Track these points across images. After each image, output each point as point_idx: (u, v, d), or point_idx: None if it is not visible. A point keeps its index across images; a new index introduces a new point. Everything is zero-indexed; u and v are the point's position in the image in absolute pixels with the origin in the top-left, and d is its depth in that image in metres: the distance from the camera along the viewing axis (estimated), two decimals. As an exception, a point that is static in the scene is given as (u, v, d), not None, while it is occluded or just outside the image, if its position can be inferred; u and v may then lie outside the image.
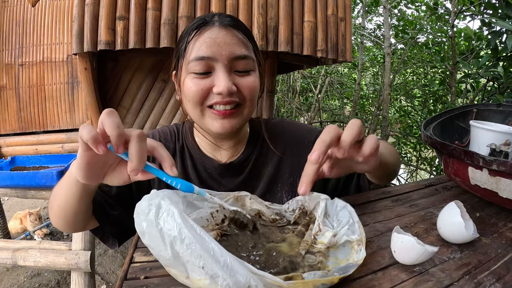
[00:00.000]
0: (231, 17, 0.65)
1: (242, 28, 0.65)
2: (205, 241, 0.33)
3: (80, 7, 1.61)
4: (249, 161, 0.73)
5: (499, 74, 1.98)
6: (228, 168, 0.72)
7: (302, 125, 0.82)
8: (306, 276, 0.36)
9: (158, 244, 0.35)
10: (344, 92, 6.05)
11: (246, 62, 0.62)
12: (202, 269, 0.33)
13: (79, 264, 1.64)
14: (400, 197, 0.64)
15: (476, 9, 2.32)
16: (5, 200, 3.43)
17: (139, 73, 2.11)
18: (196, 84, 0.61)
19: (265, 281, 0.32)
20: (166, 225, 0.35)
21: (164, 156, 0.45)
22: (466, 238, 0.44)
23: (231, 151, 0.73)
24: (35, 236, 2.70)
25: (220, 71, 0.60)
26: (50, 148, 2.18)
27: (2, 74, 2.24)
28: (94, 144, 0.39)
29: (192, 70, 0.60)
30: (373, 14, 5.06)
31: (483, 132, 0.71)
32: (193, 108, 0.63)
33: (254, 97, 0.65)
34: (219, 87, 0.59)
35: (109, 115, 0.40)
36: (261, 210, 0.53)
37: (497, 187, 0.52)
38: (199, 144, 0.73)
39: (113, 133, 0.40)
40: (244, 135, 0.75)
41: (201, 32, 0.61)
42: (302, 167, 0.77)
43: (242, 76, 0.63)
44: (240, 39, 0.63)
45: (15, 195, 1.89)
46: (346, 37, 2.07)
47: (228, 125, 0.63)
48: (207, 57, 0.59)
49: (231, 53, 0.60)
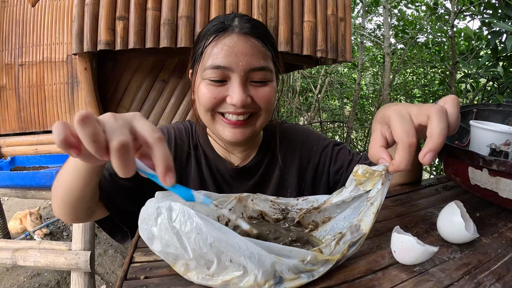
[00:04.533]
0: (251, 22, 0.62)
1: (262, 34, 0.62)
2: (229, 236, 0.34)
3: (80, 7, 1.61)
4: (261, 165, 0.73)
5: (499, 74, 1.98)
6: (240, 172, 0.71)
7: (313, 132, 0.82)
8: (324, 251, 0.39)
9: (175, 248, 0.34)
10: (344, 92, 6.04)
11: (263, 73, 0.61)
12: (230, 262, 0.33)
13: (79, 264, 1.64)
14: (400, 197, 0.64)
15: (476, 9, 2.32)
16: (5, 200, 3.43)
17: (139, 73, 2.11)
18: (210, 91, 0.59)
19: (290, 263, 0.35)
20: (184, 227, 0.34)
21: (158, 159, 0.34)
22: (466, 238, 0.44)
23: (243, 154, 0.72)
24: (35, 236, 2.70)
25: (235, 82, 0.59)
26: (50, 148, 2.18)
27: (2, 74, 2.23)
28: (65, 149, 0.31)
29: (208, 77, 0.59)
30: (373, 14, 5.06)
31: (483, 132, 0.71)
32: (204, 113, 0.63)
33: (269, 107, 0.64)
34: (233, 99, 0.58)
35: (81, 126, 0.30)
36: (264, 211, 0.53)
37: (497, 187, 0.52)
38: (212, 144, 0.72)
39: (89, 149, 0.31)
40: (257, 139, 0.74)
41: (219, 38, 0.59)
42: (309, 173, 0.75)
43: (258, 86, 0.61)
44: (259, 49, 0.60)
45: (15, 195, 1.88)
46: (346, 37, 2.07)
47: (240, 135, 0.62)
48: (223, 66, 0.58)
49: (248, 64, 0.58)
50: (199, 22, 1.70)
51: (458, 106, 0.41)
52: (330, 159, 0.75)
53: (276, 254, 0.35)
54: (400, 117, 0.41)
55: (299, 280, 0.36)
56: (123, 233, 0.68)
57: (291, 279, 0.35)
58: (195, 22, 1.71)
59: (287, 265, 0.35)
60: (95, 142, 0.30)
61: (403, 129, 0.40)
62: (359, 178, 0.44)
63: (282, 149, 0.74)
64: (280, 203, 0.53)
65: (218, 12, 1.73)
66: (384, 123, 0.45)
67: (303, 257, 0.36)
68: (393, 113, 0.42)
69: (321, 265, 0.37)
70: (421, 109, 0.41)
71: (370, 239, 0.48)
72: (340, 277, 0.38)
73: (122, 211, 0.64)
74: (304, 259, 0.36)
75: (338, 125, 5.56)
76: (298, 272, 0.36)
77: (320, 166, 0.76)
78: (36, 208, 2.87)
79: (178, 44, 1.67)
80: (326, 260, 0.38)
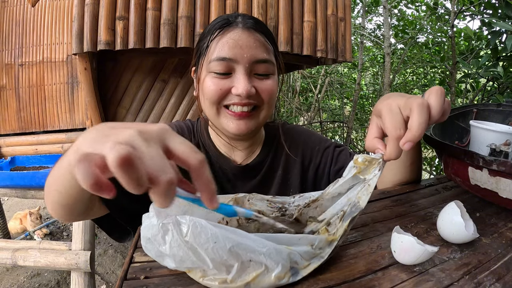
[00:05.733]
0: (254, 19, 0.65)
1: (264, 30, 0.65)
2: (244, 237, 0.34)
3: (80, 7, 1.61)
4: (264, 164, 0.73)
5: (499, 74, 1.98)
6: (243, 171, 0.71)
7: (315, 133, 0.84)
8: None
9: (192, 262, 0.34)
10: (344, 92, 6.05)
11: (266, 66, 0.63)
12: (250, 262, 0.34)
13: (79, 264, 1.64)
14: (400, 197, 0.64)
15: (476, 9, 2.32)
16: (5, 200, 3.43)
17: (139, 73, 2.11)
18: (215, 83, 0.61)
19: (301, 251, 0.37)
20: (198, 239, 0.33)
21: (203, 184, 0.30)
22: (466, 238, 0.44)
23: (246, 152, 0.73)
24: (35, 236, 2.70)
25: (240, 73, 0.61)
26: (50, 148, 2.18)
27: (2, 74, 2.23)
28: (97, 193, 0.25)
29: (213, 69, 0.61)
30: (373, 14, 5.06)
31: (483, 132, 0.71)
32: (209, 106, 0.64)
33: (272, 101, 0.65)
34: (238, 89, 0.60)
35: (122, 172, 0.25)
36: (262, 210, 0.53)
37: (497, 187, 0.52)
38: (215, 143, 0.73)
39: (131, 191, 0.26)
40: (259, 137, 0.75)
41: (224, 32, 0.62)
42: (310, 173, 0.75)
43: (262, 79, 0.63)
44: (262, 43, 0.63)
45: (15, 195, 1.89)
46: (346, 37, 2.07)
47: (244, 126, 0.63)
48: (229, 58, 0.60)
49: (252, 56, 0.61)
50: (199, 22, 1.70)
51: (441, 96, 0.44)
52: (331, 160, 0.76)
53: (287, 244, 0.37)
54: (389, 111, 0.45)
55: (311, 265, 0.38)
56: (120, 231, 0.67)
57: (305, 266, 0.37)
58: (195, 22, 1.71)
59: (299, 254, 0.37)
60: (139, 186, 0.26)
61: (391, 123, 0.44)
62: (360, 165, 0.47)
63: (285, 148, 0.75)
64: (276, 201, 0.54)
65: (218, 12, 1.73)
66: (378, 116, 0.48)
67: (311, 242, 0.38)
68: (384, 107, 0.46)
69: (327, 246, 0.39)
70: (406, 103, 0.44)
71: (370, 239, 0.48)
72: (340, 277, 0.38)
73: (122, 209, 0.63)
74: (313, 244, 0.38)
75: (338, 125, 5.56)
76: (309, 258, 0.38)
77: (321, 166, 0.77)
78: (36, 208, 2.87)
79: (178, 44, 1.67)
80: (331, 240, 0.40)
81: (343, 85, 6.06)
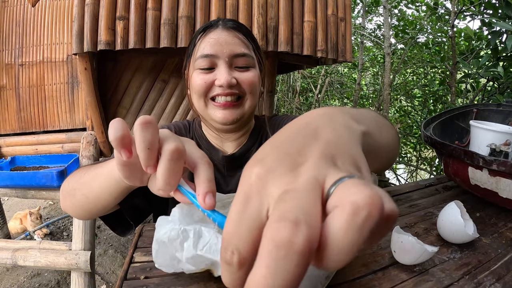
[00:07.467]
0: (234, 21, 0.73)
1: (243, 30, 0.72)
2: None
3: (80, 7, 1.61)
4: (251, 153, 0.76)
5: (499, 74, 1.98)
6: (231, 160, 0.75)
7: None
8: None
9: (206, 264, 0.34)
10: (344, 92, 6.04)
11: (245, 59, 0.69)
12: None
13: (79, 264, 1.64)
14: (400, 197, 0.64)
15: (476, 9, 2.32)
16: (5, 200, 3.43)
17: (139, 73, 2.11)
18: (201, 78, 0.68)
19: None
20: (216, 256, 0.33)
21: (202, 179, 0.32)
22: (466, 238, 0.44)
23: (236, 143, 0.77)
24: (35, 236, 2.70)
25: (221, 66, 0.67)
26: (50, 148, 2.18)
27: (2, 74, 2.23)
28: (118, 148, 0.31)
29: (198, 66, 0.69)
30: (373, 14, 5.06)
31: (483, 132, 0.71)
32: (198, 99, 0.70)
33: (254, 91, 0.71)
34: (220, 80, 0.66)
35: (142, 130, 0.30)
36: None
37: (497, 187, 0.52)
38: (206, 136, 0.78)
39: (140, 155, 0.31)
40: (249, 129, 0.79)
41: (207, 33, 0.70)
42: None
43: (242, 71, 0.69)
44: (241, 39, 0.70)
45: (15, 195, 1.89)
46: (346, 37, 2.07)
47: (229, 115, 0.69)
48: (211, 54, 0.67)
49: (231, 51, 0.67)
50: (199, 22, 1.71)
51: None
52: None
53: None
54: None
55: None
56: (124, 226, 0.68)
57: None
58: (195, 22, 1.71)
59: None
60: (150, 149, 0.30)
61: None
62: None
63: (272, 134, 0.76)
64: None
65: (218, 12, 1.73)
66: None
67: None
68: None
69: None
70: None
71: (370, 239, 0.48)
72: (340, 277, 0.38)
73: (133, 207, 0.65)
74: None
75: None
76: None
77: None
78: (36, 208, 2.86)
79: (178, 44, 1.67)
80: None
81: (343, 85, 6.06)
